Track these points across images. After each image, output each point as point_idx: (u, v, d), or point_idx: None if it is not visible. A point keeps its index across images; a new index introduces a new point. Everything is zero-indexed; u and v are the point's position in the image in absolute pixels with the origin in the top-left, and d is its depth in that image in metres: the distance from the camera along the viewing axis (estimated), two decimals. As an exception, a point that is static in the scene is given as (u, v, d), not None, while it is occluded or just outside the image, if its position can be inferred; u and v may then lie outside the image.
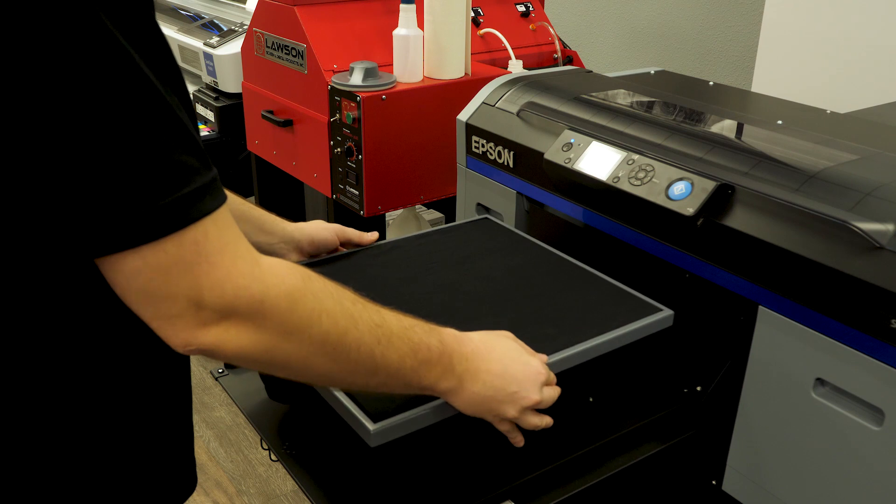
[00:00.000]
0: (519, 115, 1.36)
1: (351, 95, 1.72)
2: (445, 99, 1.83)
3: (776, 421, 0.99)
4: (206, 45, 2.54)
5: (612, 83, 1.45)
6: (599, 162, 1.16)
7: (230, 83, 2.49)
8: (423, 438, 0.87)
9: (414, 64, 1.79)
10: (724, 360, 1.06)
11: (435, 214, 2.76)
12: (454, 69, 1.84)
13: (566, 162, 1.20)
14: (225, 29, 2.61)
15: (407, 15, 1.74)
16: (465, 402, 0.83)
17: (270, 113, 2.04)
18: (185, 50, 2.68)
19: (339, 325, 0.69)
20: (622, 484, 0.99)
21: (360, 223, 1.78)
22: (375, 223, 2.07)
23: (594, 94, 1.36)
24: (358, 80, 1.73)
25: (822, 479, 0.96)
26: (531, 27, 2.18)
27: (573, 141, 1.21)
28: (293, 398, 1.05)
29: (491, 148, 1.39)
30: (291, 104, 1.97)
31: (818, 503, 0.97)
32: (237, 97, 2.48)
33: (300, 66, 1.88)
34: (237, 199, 0.98)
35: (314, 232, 1.11)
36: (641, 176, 1.10)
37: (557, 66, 2.17)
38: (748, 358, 1.01)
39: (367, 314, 0.73)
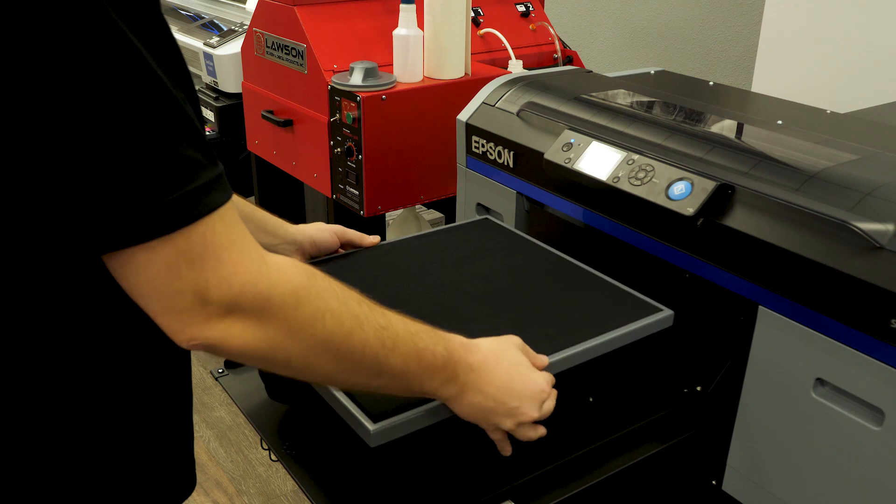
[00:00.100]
0: (519, 115, 1.36)
1: (351, 95, 1.72)
2: (445, 99, 1.83)
3: (776, 421, 0.99)
4: (206, 45, 2.54)
5: (612, 83, 1.45)
6: (599, 162, 1.16)
7: (230, 83, 2.49)
8: (423, 439, 0.87)
9: (414, 64, 1.79)
10: (724, 360, 1.06)
11: (435, 214, 2.76)
12: (454, 69, 1.84)
13: (566, 162, 1.20)
14: (225, 29, 2.61)
15: (407, 15, 1.74)
16: (464, 409, 0.83)
17: (270, 113, 2.04)
18: (185, 50, 2.66)
19: (343, 325, 0.69)
20: (622, 484, 0.99)
21: (360, 223, 1.78)
22: (375, 223, 2.07)
23: (594, 94, 1.36)
24: (358, 80, 1.73)
25: (822, 479, 0.96)
26: (531, 27, 2.18)
27: (573, 141, 1.21)
28: (293, 398, 1.05)
29: (491, 148, 1.39)
30: (291, 104, 1.97)
31: (818, 503, 0.97)
32: (237, 97, 2.48)
33: (300, 66, 1.88)
34: (239, 199, 0.98)
35: (315, 233, 1.12)
36: (641, 176, 1.10)
37: (557, 66, 2.17)
38: (748, 358, 1.01)
39: (372, 316, 0.73)
